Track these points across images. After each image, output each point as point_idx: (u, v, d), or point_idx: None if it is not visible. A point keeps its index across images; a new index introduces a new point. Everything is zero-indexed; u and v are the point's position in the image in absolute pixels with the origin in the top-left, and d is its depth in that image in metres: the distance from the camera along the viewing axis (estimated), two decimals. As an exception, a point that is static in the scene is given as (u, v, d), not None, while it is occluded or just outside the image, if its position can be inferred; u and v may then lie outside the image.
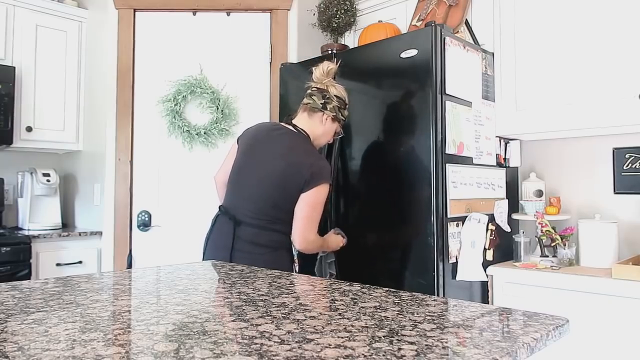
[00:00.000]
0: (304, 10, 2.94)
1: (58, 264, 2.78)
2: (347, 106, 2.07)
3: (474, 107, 2.22)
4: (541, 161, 2.51)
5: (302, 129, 2.00)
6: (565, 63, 2.15)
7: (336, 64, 2.13)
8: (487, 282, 2.20)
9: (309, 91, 2.03)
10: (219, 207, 2.01)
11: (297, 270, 2.12)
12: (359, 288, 1.20)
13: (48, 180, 3.07)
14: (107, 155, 2.87)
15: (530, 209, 2.34)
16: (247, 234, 1.89)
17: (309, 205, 1.86)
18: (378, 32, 2.58)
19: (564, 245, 2.17)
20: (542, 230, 2.22)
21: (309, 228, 1.88)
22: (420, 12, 2.54)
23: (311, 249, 1.96)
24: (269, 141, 1.95)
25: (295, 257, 2.10)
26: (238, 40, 2.91)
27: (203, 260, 1.98)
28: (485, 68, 2.31)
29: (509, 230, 2.36)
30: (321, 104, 1.98)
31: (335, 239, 2.15)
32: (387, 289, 1.19)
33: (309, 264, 2.27)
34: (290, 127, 2.00)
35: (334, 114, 2.01)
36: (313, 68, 2.07)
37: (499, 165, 2.37)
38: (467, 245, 2.10)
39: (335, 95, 2.01)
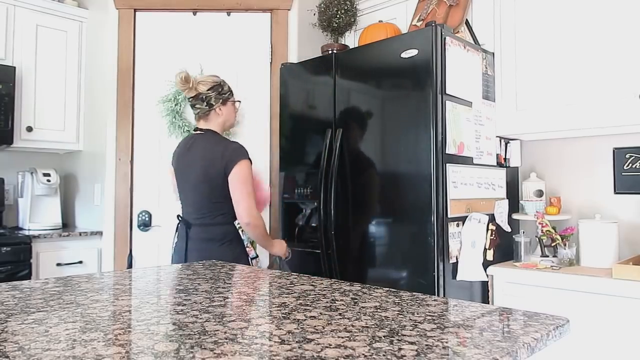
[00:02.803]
0: (304, 10, 2.94)
1: (58, 264, 2.79)
2: (221, 83, 2.19)
3: (475, 107, 2.22)
4: (541, 161, 2.51)
5: (207, 129, 2.18)
6: (565, 63, 2.15)
7: (183, 70, 2.17)
8: (488, 282, 2.20)
9: (189, 102, 2.19)
10: (177, 216, 2.23)
11: (252, 257, 2.15)
12: (359, 288, 1.20)
13: (48, 180, 3.07)
14: (108, 155, 2.87)
15: (531, 209, 2.34)
16: (196, 232, 2.11)
17: (239, 181, 2.03)
18: (378, 32, 2.58)
19: (564, 245, 2.17)
20: (542, 230, 2.22)
21: (249, 202, 2.03)
22: (421, 12, 2.54)
23: (257, 224, 2.05)
24: (188, 152, 2.18)
25: (248, 244, 2.17)
26: (238, 40, 2.91)
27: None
28: (486, 68, 2.31)
29: (509, 230, 2.36)
30: (206, 106, 2.15)
31: (280, 243, 2.27)
32: (387, 289, 1.19)
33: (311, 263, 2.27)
34: (199, 132, 2.19)
35: (220, 101, 2.17)
36: (173, 82, 2.28)
37: (499, 165, 2.37)
38: (468, 245, 2.10)
39: (208, 90, 2.14)
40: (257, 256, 2.17)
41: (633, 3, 1.97)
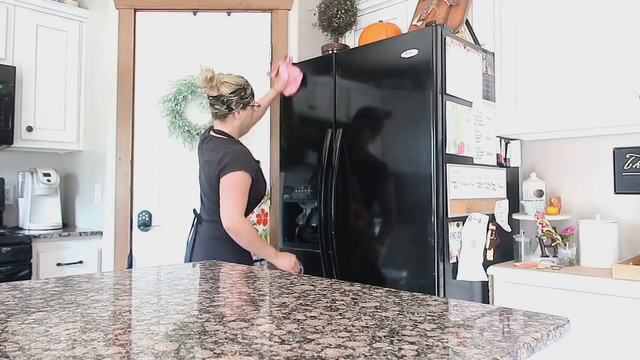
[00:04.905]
0: (304, 10, 2.94)
1: (58, 264, 2.79)
2: (245, 86, 2.13)
3: (475, 107, 2.22)
4: (542, 161, 2.51)
5: (221, 131, 2.15)
6: (565, 63, 2.15)
7: (209, 69, 2.09)
8: (488, 282, 2.19)
9: (208, 100, 2.14)
10: (193, 210, 2.24)
11: (256, 259, 2.15)
12: (360, 288, 1.20)
13: (49, 180, 3.07)
14: (108, 155, 2.87)
15: (531, 209, 2.34)
16: (205, 229, 2.12)
17: (227, 185, 1.99)
18: (378, 32, 2.58)
19: (565, 245, 2.17)
20: (542, 230, 2.22)
21: (230, 207, 1.97)
22: (421, 12, 2.54)
23: (238, 230, 1.96)
24: (201, 151, 2.19)
25: None
26: (239, 40, 2.91)
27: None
28: (486, 68, 2.31)
29: (509, 230, 2.36)
30: (225, 109, 2.10)
31: (286, 257, 2.10)
32: (387, 289, 1.19)
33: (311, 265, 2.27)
34: (212, 133, 2.17)
35: (241, 106, 2.12)
36: (197, 78, 2.18)
37: (500, 165, 2.37)
38: (468, 245, 2.10)
39: (230, 94, 2.09)
40: (262, 259, 2.15)
41: (633, 3, 1.97)
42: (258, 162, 2.20)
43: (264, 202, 2.18)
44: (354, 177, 2.30)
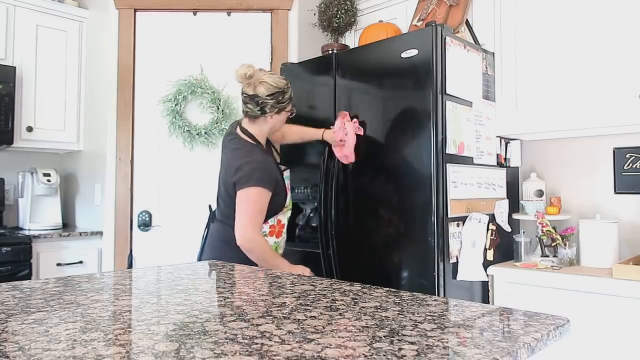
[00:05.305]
0: (304, 10, 2.94)
1: (59, 264, 2.79)
2: (284, 90, 1.98)
3: (475, 107, 2.22)
4: (542, 161, 2.51)
5: (248, 132, 2.03)
6: (565, 63, 2.15)
7: (250, 65, 1.96)
8: (488, 282, 2.19)
9: (242, 97, 1.99)
10: (209, 206, 2.21)
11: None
12: (360, 288, 1.20)
13: (49, 180, 3.07)
14: (108, 155, 2.87)
15: (531, 209, 2.34)
16: (216, 229, 2.06)
17: (242, 200, 1.89)
18: (378, 32, 2.58)
19: (565, 245, 2.17)
20: (542, 230, 2.22)
21: (244, 224, 1.87)
22: (421, 12, 2.54)
23: (251, 247, 1.87)
24: (224, 148, 2.10)
25: None
26: (238, 40, 2.91)
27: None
28: (486, 68, 2.31)
29: (509, 230, 2.36)
30: (258, 110, 1.97)
31: (300, 271, 2.00)
32: (387, 289, 1.19)
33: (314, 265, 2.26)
34: (239, 132, 2.05)
35: (275, 110, 1.99)
36: (234, 70, 1.98)
37: (500, 165, 2.37)
38: (468, 245, 2.10)
39: (267, 96, 1.94)
40: None
41: (633, 3, 1.97)
42: (283, 170, 2.10)
43: (282, 213, 2.05)
44: (354, 177, 2.30)
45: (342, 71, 2.37)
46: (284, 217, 2.08)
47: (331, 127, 2.29)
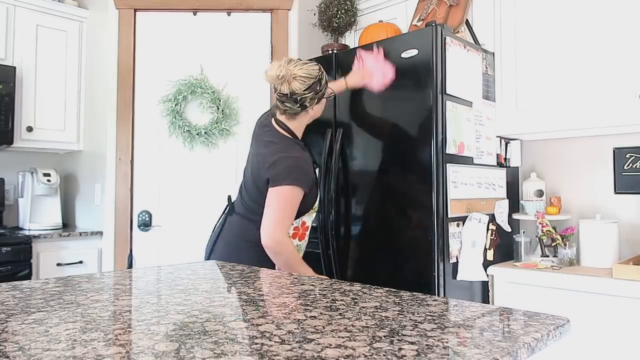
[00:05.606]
0: (304, 10, 2.94)
1: (59, 264, 2.79)
2: (319, 77, 1.82)
3: (475, 107, 2.22)
4: (542, 161, 2.51)
5: (285, 126, 1.90)
6: (565, 63, 2.15)
7: (281, 64, 1.80)
8: (488, 282, 2.19)
9: (277, 97, 1.84)
10: (228, 197, 2.06)
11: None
12: (360, 288, 1.20)
13: (49, 180, 3.07)
14: (108, 155, 2.87)
15: (531, 209, 2.34)
16: (235, 223, 1.92)
17: (274, 198, 1.77)
18: (379, 32, 2.58)
19: (565, 245, 2.17)
20: (542, 230, 2.22)
21: (274, 223, 1.74)
22: (421, 12, 2.54)
23: (279, 250, 1.74)
24: (257, 139, 1.96)
25: None
26: (239, 40, 2.91)
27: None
28: (486, 68, 2.31)
29: (509, 230, 2.36)
30: (299, 107, 1.83)
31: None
32: (387, 289, 1.19)
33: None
34: (274, 124, 1.92)
35: (315, 101, 1.85)
36: (264, 73, 1.83)
37: (500, 165, 2.37)
38: (468, 245, 2.10)
39: (304, 90, 1.79)
40: None
41: (633, 3, 1.97)
42: (317, 167, 1.96)
43: (308, 214, 1.92)
44: (354, 177, 2.30)
45: (342, 71, 2.37)
46: (309, 218, 1.94)
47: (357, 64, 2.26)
